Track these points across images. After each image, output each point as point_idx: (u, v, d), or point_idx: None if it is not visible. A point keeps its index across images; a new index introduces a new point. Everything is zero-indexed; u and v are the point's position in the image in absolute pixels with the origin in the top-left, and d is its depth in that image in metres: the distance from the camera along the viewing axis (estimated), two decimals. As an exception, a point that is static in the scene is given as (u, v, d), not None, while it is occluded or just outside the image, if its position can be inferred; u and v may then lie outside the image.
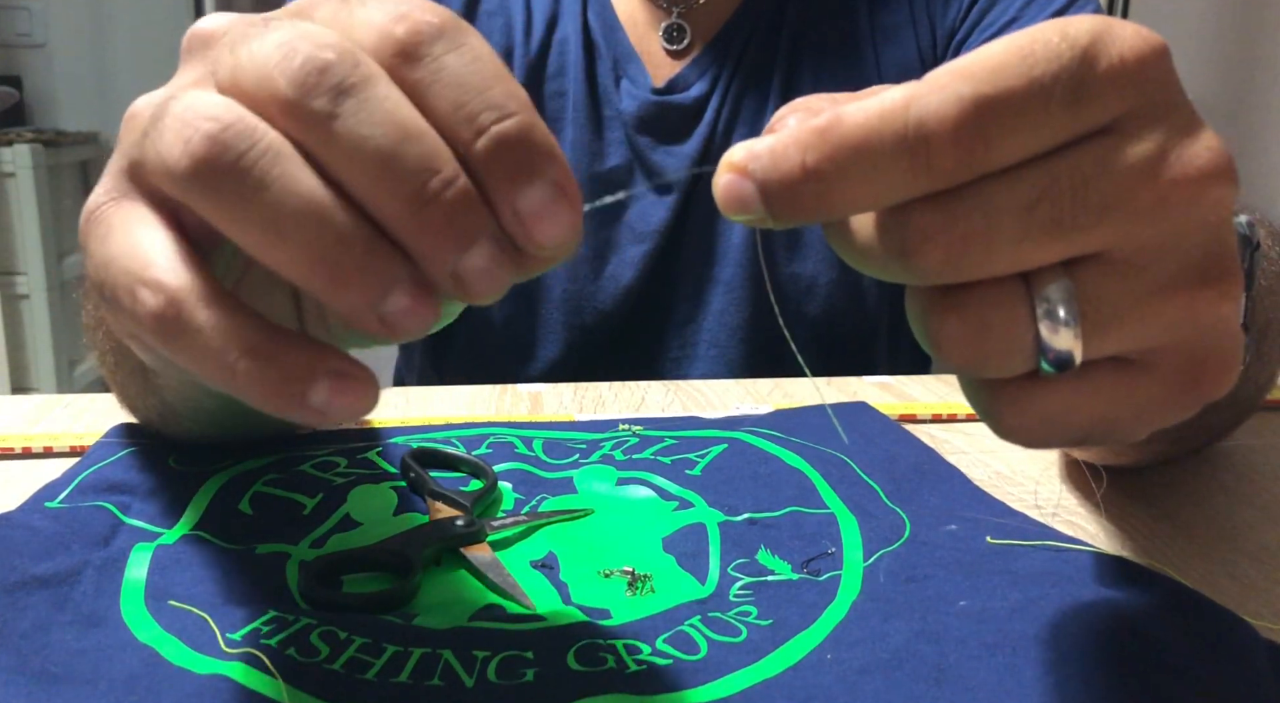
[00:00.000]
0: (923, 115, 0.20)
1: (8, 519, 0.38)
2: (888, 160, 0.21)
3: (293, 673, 0.30)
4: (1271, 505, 0.45)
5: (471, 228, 0.21)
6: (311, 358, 0.22)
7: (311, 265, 0.21)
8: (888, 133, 0.21)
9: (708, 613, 0.34)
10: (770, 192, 0.22)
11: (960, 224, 0.21)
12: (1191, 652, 0.30)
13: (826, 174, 0.21)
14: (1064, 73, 0.21)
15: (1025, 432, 0.24)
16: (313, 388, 0.21)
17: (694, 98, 0.71)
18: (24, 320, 2.21)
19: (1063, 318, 0.22)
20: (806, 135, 0.21)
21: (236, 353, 0.21)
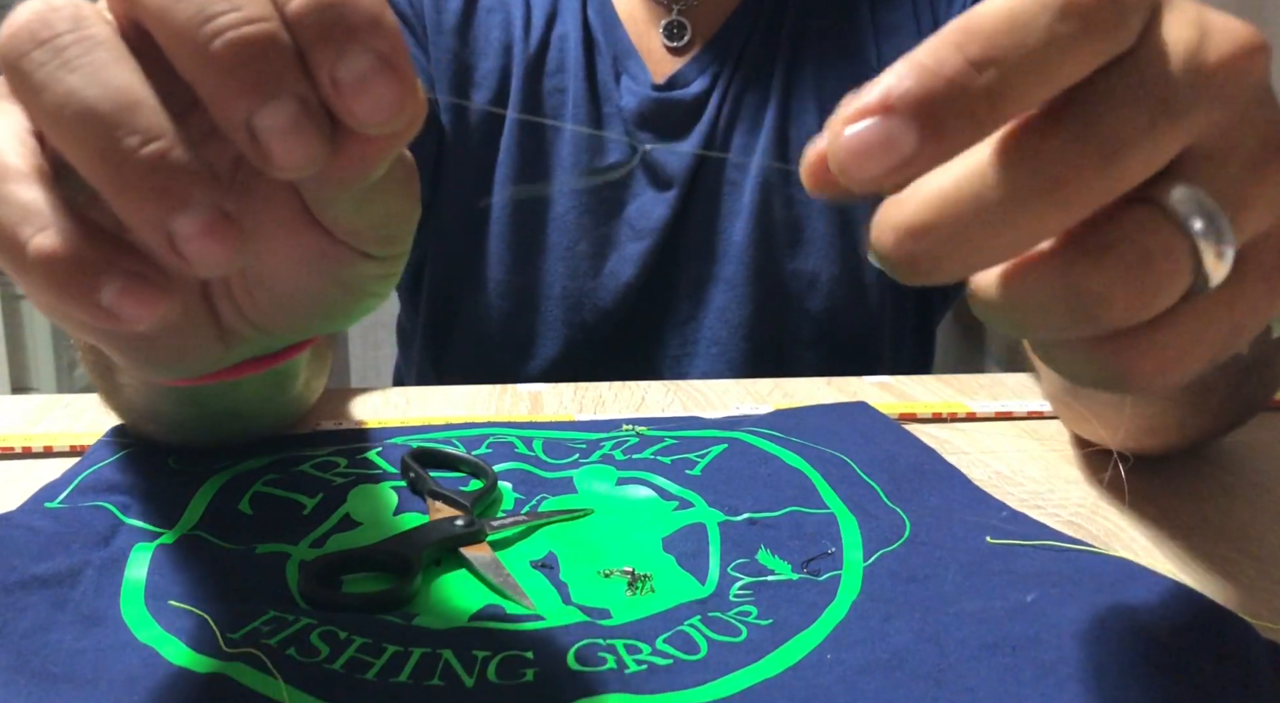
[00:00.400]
0: None
1: (8, 519, 0.38)
2: (1047, 28, 0.19)
3: (293, 673, 0.30)
4: (1272, 505, 0.45)
5: (273, 80, 0.20)
6: (110, 253, 0.20)
7: (96, 159, 0.20)
8: (1035, 4, 0.19)
9: (708, 613, 0.34)
10: (936, 105, 0.19)
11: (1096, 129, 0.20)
12: (1191, 652, 0.30)
13: (995, 59, 0.19)
14: None
15: (1165, 372, 0.22)
16: (103, 284, 0.20)
17: (694, 94, 0.71)
18: (24, 320, 2.21)
19: (1206, 225, 0.21)
20: (953, 34, 0.19)
21: (34, 228, 0.20)
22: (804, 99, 0.71)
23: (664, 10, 0.72)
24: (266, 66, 0.20)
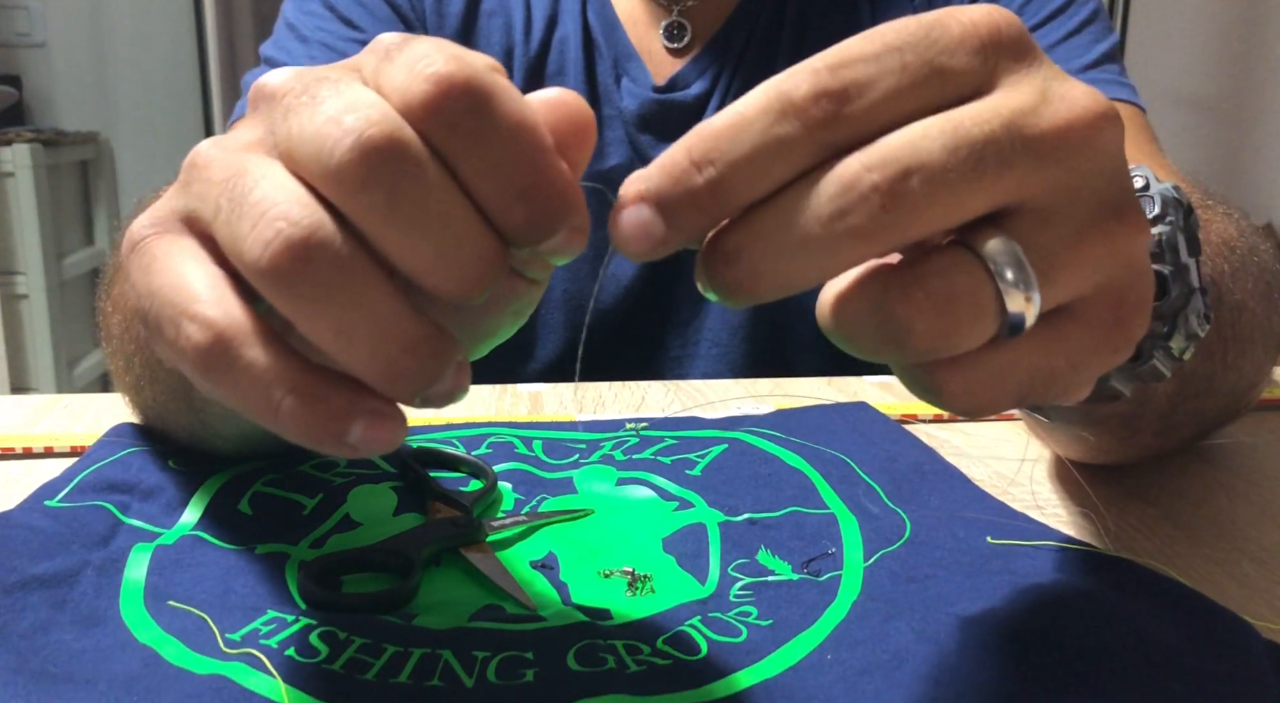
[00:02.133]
0: (781, 87, 0.22)
1: (7, 519, 0.38)
2: (763, 131, 0.22)
3: (292, 674, 0.30)
4: (1272, 505, 0.45)
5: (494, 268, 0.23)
6: (352, 398, 0.22)
7: (373, 374, 0.22)
8: (754, 109, 0.22)
9: (708, 613, 0.34)
10: (667, 200, 0.22)
11: (886, 179, 0.21)
12: (1192, 652, 0.30)
13: (714, 159, 0.22)
14: (912, 36, 0.22)
15: (970, 398, 0.24)
16: (351, 426, 0.22)
17: (695, 96, 0.71)
18: (23, 320, 2.21)
19: (1016, 274, 0.22)
20: (686, 138, 0.22)
21: (282, 391, 0.22)
22: (804, 100, 0.71)
23: (664, 11, 0.72)
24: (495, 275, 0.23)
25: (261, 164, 0.23)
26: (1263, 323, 0.42)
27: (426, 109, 0.22)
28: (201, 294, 0.23)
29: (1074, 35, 0.67)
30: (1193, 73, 2.53)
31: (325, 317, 0.22)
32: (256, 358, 0.22)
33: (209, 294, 0.23)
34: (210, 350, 0.22)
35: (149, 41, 2.50)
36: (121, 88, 2.52)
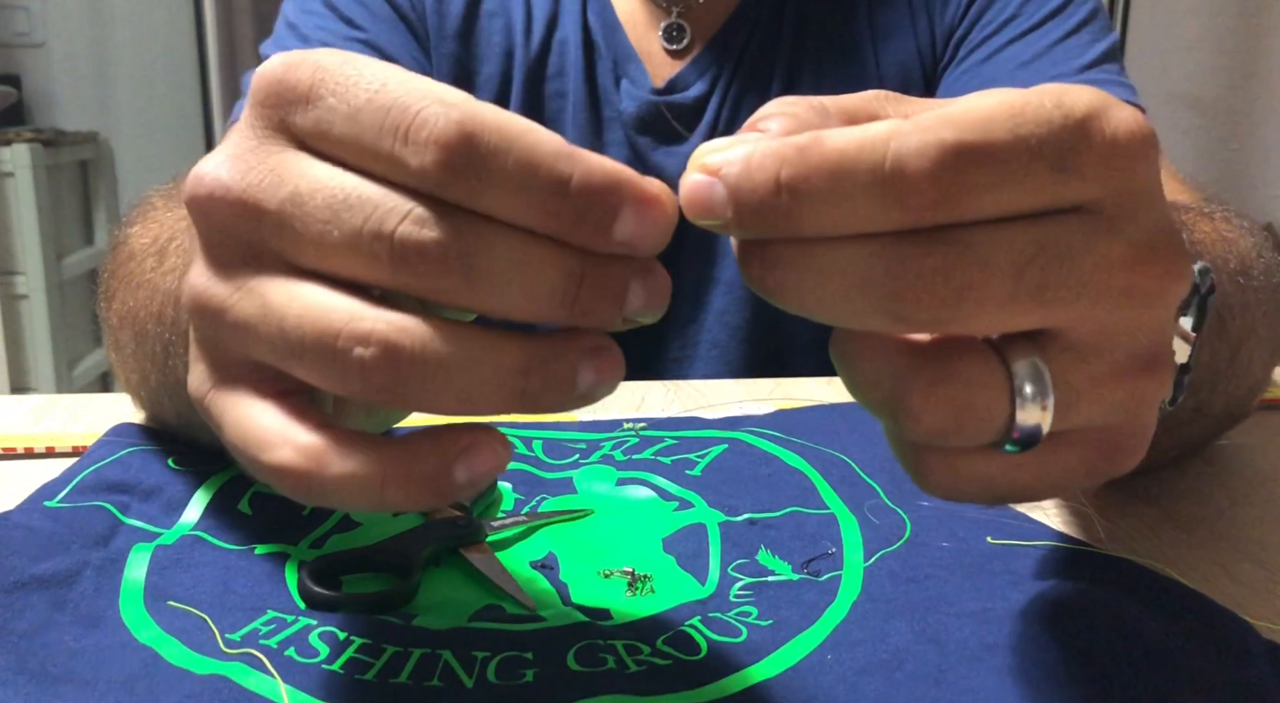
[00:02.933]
0: (901, 151, 0.20)
1: (6, 519, 0.38)
2: (861, 189, 0.21)
3: (292, 674, 0.30)
4: (1272, 506, 0.44)
5: (618, 288, 0.23)
6: (440, 452, 0.23)
7: None
8: (865, 162, 0.21)
9: (708, 613, 0.34)
10: (741, 200, 0.22)
11: (957, 271, 0.21)
12: (1192, 652, 0.30)
13: (799, 191, 0.21)
14: (1053, 137, 0.21)
15: (951, 492, 0.25)
16: (452, 480, 0.23)
17: (694, 98, 0.71)
18: (23, 320, 2.21)
19: (1036, 396, 0.23)
20: (786, 150, 0.21)
21: (380, 484, 0.23)
22: (803, 101, 0.71)
23: (663, 13, 0.72)
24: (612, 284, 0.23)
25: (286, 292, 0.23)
26: (1265, 341, 0.42)
27: (444, 175, 0.22)
28: (270, 437, 0.24)
29: (1073, 35, 0.67)
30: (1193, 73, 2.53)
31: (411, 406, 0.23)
32: (348, 467, 0.23)
33: (278, 432, 0.24)
34: (305, 479, 0.23)
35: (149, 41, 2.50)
36: (121, 88, 2.52)
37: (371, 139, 0.22)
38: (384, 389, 0.22)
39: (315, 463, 0.23)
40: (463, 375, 0.22)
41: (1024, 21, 0.68)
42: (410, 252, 0.22)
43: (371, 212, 0.22)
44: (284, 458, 0.23)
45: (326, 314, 0.22)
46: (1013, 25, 0.68)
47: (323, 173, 0.23)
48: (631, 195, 0.22)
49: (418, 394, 0.22)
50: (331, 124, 0.23)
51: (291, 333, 0.23)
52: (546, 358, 0.23)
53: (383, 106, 0.22)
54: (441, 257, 0.22)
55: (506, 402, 0.23)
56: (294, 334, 0.23)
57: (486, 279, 0.22)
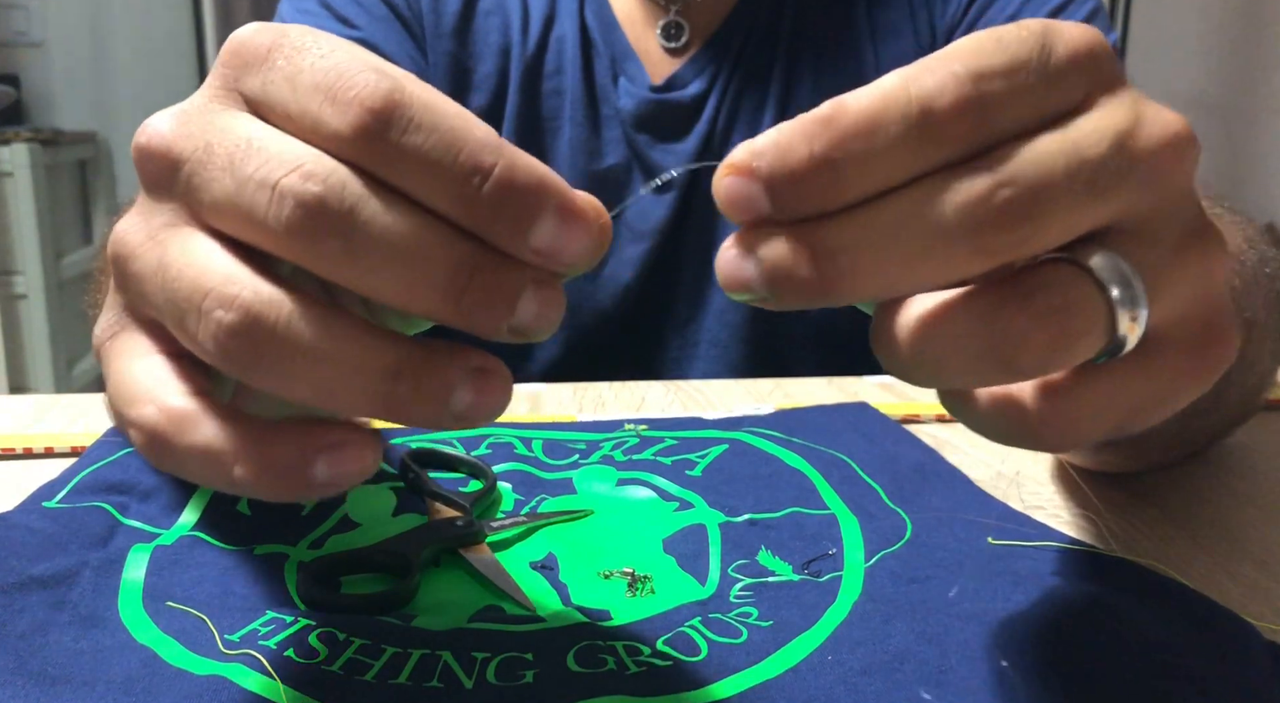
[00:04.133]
0: (923, 92, 0.21)
1: (5, 520, 0.38)
2: (896, 137, 0.21)
3: (291, 675, 0.29)
4: (1273, 506, 0.44)
5: (511, 290, 0.22)
6: (302, 444, 0.22)
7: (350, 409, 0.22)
8: (893, 111, 0.21)
9: (708, 614, 0.34)
10: (778, 185, 0.21)
11: (1015, 181, 0.21)
12: (1193, 653, 0.30)
13: (836, 160, 0.21)
14: (1033, 52, 0.22)
15: (1070, 433, 0.23)
16: (310, 475, 0.22)
17: (692, 96, 0.71)
18: (21, 320, 2.21)
19: (1124, 290, 0.22)
20: (810, 125, 0.21)
21: (231, 462, 0.22)
22: (802, 100, 0.71)
23: (661, 11, 0.72)
24: (505, 284, 0.22)
25: (183, 243, 0.23)
26: (1272, 332, 0.42)
27: (358, 140, 0.21)
28: (141, 391, 0.23)
29: None
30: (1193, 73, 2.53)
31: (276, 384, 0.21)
32: (199, 439, 0.22)
33: (150, 387, 0.23)
34: (153, 437, 0.23)
35: (148, 41, 2.50)
36: (120, 87, 2.52)
37: (303, 99, 0.22)
38: (237, 361, 0.21)
39: (173, 427, 0.22)
40: (324, 364, 0.21)
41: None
42: (290, 205, 0.21)
43: (264, 162, 0.21)
44: (145, 415, 0.22)
45: (204, 273, 0.22)
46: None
47: (241, 127, 0.23)
48: (557, 202, 0.22)
49: (272, 374, 0.21)
50: (275, 85, 0.23)
51: (170, 284, 0.22)
52: (422, 366, 0.21)
53: (321, 69, 0.22)
54: (321, 215, 0.21)
55: (369, 404, 0.21)
56: (171, 286, 0.22)
57: (367, 250, 0.21)
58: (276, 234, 0.21)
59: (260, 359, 0.21)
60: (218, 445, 0.22)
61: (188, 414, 0.22)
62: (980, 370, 0.22)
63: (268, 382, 0.21)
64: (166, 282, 0.22)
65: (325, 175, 0.21)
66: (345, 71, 0.22)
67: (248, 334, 0.21)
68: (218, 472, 0.22)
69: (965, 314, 0.22)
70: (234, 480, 0.22)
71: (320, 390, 0.21)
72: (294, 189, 0.21)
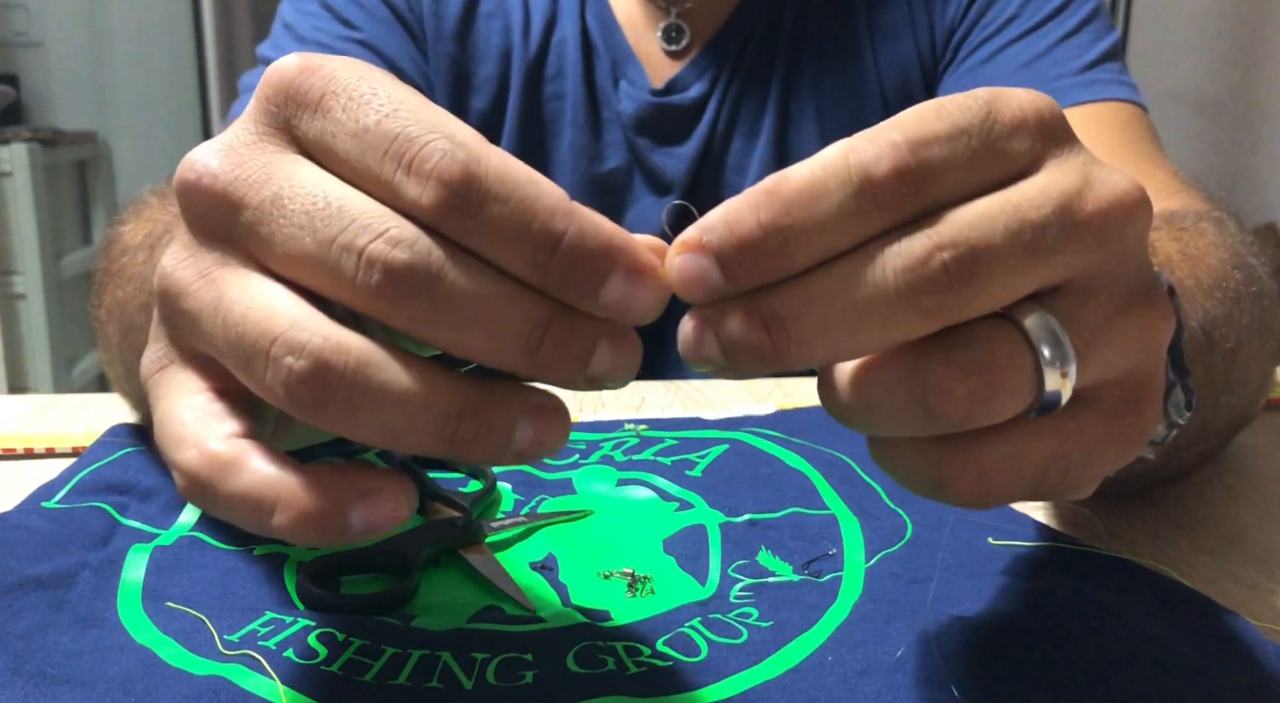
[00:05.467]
0: (861, 160, 0.22)
1: (4, 520, 0.38)
2: (838, 205, 0.22)
3: (291, 675, 0.29)
4: (1273, 506, 0.44)
5: (586, 345, 0.22)
6: (338, 493, 0.22)
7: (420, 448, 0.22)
8: (834, 180, 0.22)
9: (708, 615, 0.34)
10: (728, 257, 0.22)
11: (954, 243, 0.22)
12: (1194, 653, 0.30)
13: (782, 227, 0.22)
14: (975, 118, 0.23)
15: (980, 487, 0.24)
16: (345, 523, 0.22)
17: (693, 99, 0.71)
18: (21, 320, 2.21)
19: (1054, 350, 0.22)
20: (756, 196, 0.22)
21: (270, 511, 0.22)
22: (802, 103, 0.71)
23: (662, 14, 0.72)
24: (578, 340, 0.22)
25: (242, 286, 0.23)
26: (1258, 352, 0.42)
27: (439, 212, 0.22)
28: (186, 433, 0.23)
29: (1074, 34, 0.67)
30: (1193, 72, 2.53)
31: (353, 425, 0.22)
32: (235, 487, 0.23)
33: (193, 428, 0.23)
34: (194, 481, 0.23)
35: (147, 41, 2.49)
36: (119, 87, 2.52)
37: (373, 161, 0.22)
38: (305, 405, 0.22)
39: (215, 473, 0.23)
40: (391, 408, 0.22)
41: (1024, 22, 0.68)
42: (380, 272, 0.21)
43: (348, 224, 0.22)
44: (189, 459, 0.23)
45: (270, 317, 0.22)
46: (1013, 26, 0.68)
47: (310, 179, 0.23)
48: (625, 262, 0.22)
49: (340, 417, 0.22)
50: (336, 137, 0.23)
51: (233, 328, 0.22)
52: (484, 407, 0.22)
53: (390, 132, 0.22)
54: (408, 280, 0.21)
55: (434, 443, 0.22)
56: (235, 330, 0.22)
57: (449, 311, 0.22)
58: (361, 295, 0.22)
59: (329, 403, 0.22)
60: (257, 493, 0.22)
61: (229, 461, 0.23)
62: (906, 419, 0.22)
63: (334, 425, 0.22)
64: (229, 325, 0.23)
65: (411, 242, 0.22)
66: (416, 138, 0.22)
67: (319, 380, 0.21)
68: (257, 518, 0.23)
69: (894, 363, 0.23)
70: (273, 527, 0.22)
71: (386, 431, 0.22)
72: (383, 257, 0.21)
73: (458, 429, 0.22)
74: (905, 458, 0.24)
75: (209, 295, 0.23)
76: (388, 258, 0.21)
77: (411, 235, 0.22)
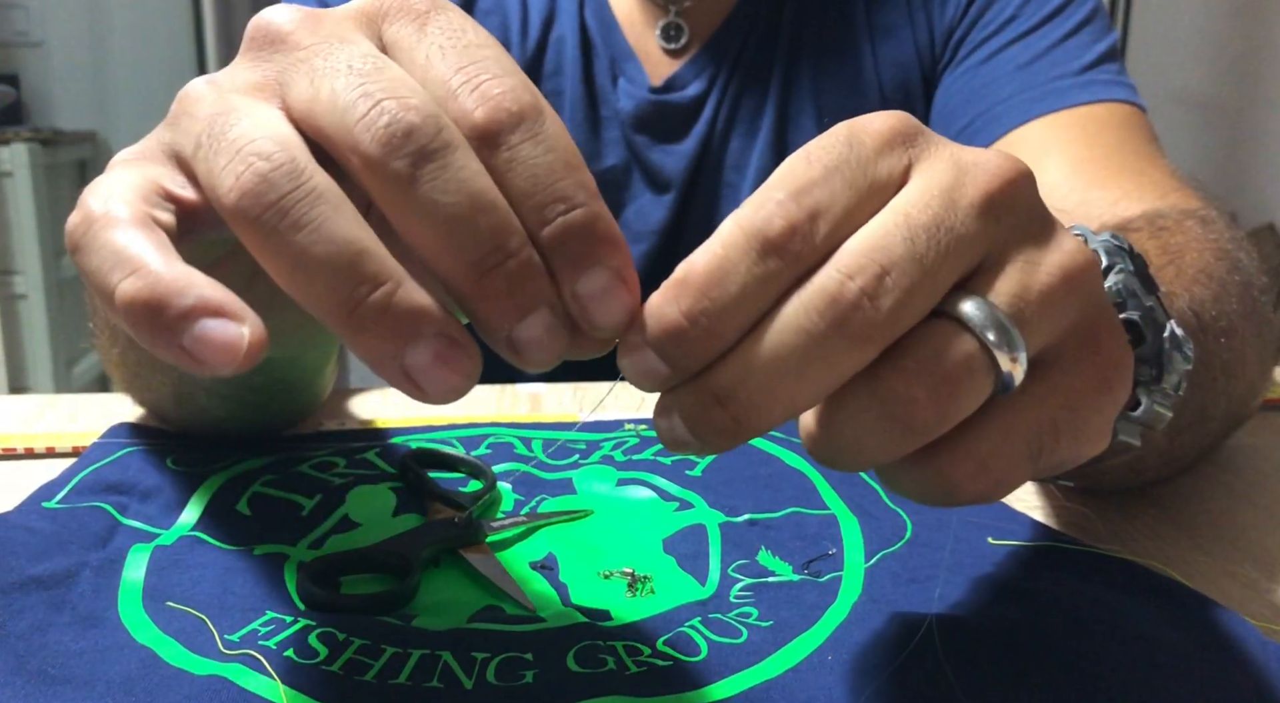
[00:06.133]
0: (754, 225, 0.23)
1: (4, 520, 0.38)
2: (746, 273, 0.22)
3: (291, 675, 0.29)
4: (1273, 506, 0.44)
5: (530, 299, 0.22)
6: (195, 297, 0.21)
7: (331, 309, 0.22)
8: (735, 252, 0.23)
9: (708, 614, 0.34)
10: (665, 348, 0.23)
11: (868, 269, 0.22)
12: (1193, 652, 0.30)
13: (703, 311, 0.22)
14: (840, 153, 0.24)
15: (985, 474, 0.24)
16: (186, 324, 0.21)
17: (692, 97, 0.71)
18: (21, 320, 2.21)
19: (997, 331, 0.23)
20: (671, 288, 0.23)
21: (119, 276, 0.22)
22: (801, 101, 0.71)
23: (661, 12, 0.72)
24: (526, 291, 0.22)
25: (252, 106, 0.24)
26: (1252, 340, 0.42)
27: (482, 127, 0.23)
28: (111, 190, 0.23)
29: (1073, 35, 0.67)
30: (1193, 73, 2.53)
31: (281, 250, 0.21)
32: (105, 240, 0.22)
33: (117, 191, 0.23)
34: (75, 231, 0.23)
35: (147, 41, 2.50)
36: (119, 87, 2.52)
37: (443, 69, 0.23)
38: (246, 212, 0.22)
39: (104, 220, 0.23)
40: (320, 245, 0.21)
41: (1024, 22, 0.68)
42: (384, 115, 0.22)
43: (378, 83, 0.23)
44: (93, 205, 0.23)
45: (261, 128, 0.22)
46: (1013, 26, 0.68)
47: (370, 50, 0.24)
48: (618, 264, 0.23)
49: (269, 235, 0.21)
50: (418, 47, 0.24)
51: (221, 122, 0.23)
52: (400, 297, 0.21)
53: (475, 56, 0.23)
54: (407, 137, 0.22)
55: (334, 303, 0.21)
56: (222, 125, 0.23)
57: (430, 188, 0.22)
58: (357, 140, 0.22)
59: (268, 216, 0.21)
60: (123, 249, 0.22)
61: (123, 218, 0.23)
62: (888, 439, 0.23)
63: (261, 238, 0.22)
64: (219, 123, 0.23)
65: (427, 113, 0.22)
66: (491, 68, 0.23)
67: (271, 187, 0.21)
68: (109, 277, 0.22)
69: (853, 393, 0.23)
70: (117, 290, 0.21)
71: (299, 270, 0.21)
72: (394, 110, 0.22)
73: (364, 302, 0.21)
74: (911, 478, 0.24)
75: (223, 104, 0.24)
76: (397, 112, 0.22)
77: (431, 112, 0.22)
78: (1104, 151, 0.60)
